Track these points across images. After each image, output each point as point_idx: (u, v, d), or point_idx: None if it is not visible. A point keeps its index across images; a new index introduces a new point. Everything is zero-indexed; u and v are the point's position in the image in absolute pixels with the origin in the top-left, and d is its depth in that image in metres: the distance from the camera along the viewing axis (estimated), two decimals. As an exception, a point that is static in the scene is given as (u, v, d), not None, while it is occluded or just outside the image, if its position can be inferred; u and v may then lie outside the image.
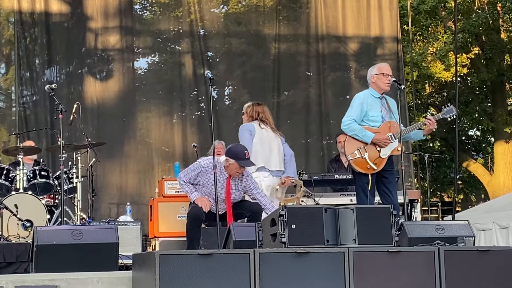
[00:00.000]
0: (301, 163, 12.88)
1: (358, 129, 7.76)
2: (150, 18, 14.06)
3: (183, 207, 10.12)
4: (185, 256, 5.34)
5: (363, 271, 5.51)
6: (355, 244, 5.68)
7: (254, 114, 8.57)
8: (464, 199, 26.95)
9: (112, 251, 6.40)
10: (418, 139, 8.59)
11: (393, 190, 7.72)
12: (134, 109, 13.07)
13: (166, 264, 5.21)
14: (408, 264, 5.62)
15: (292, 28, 13.98)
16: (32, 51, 12.61)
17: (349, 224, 5.76)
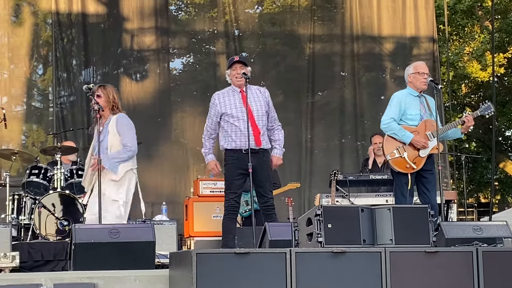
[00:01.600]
0: (336, 164, 12.90)
1: (397, 128, 7.72)
2: (185, 18, 14.14)
3: (218, 207, 10.15)
4: (222, 255, 5.34)
5: (400, 271, 5.47)
6: (392, 244, 5.65)
7: None
8: (500, 200, 26.66)
9: (149, 249, 6.44)
10: (456, 137, 8.51)
11: (432, 191, 7.67)
12: (169, 110, 13.15)
13: (202, 262, 5.21)
14: (446, 264, 5.57)
15: (326, 28, 13.96)
16: (69, 52, 12.73)
17: (385, 224, 5.72)
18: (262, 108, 7.64)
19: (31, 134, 13.08)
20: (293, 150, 13.32)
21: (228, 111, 7.56)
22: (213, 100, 7.72)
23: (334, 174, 9.89)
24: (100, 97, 7.36)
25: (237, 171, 7.49)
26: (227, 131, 7.59)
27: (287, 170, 12.62)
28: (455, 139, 13.25)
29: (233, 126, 7.56)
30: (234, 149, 7.56)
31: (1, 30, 12.66)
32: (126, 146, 7.36)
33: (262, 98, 7.69)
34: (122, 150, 7.37)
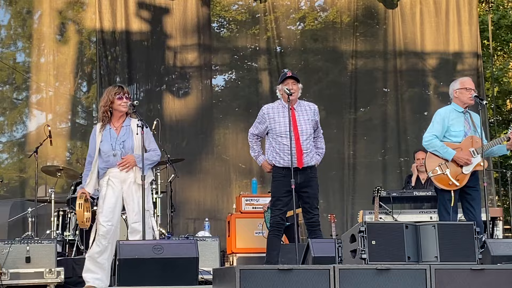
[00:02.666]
0: (378, 180, 12.83)
1: (439, 145, 7.68)
2: (227, 35, 14.21)
3: (260, 223, 10.17)
4: (265, 271, 5.34)
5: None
6: (437, 261, 5.60)
7: None
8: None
9: (192, 265, 6.46)
10: (501, 154, 8.43)
11: (477, 208, 7.59)
12: (211, 126, 13.20)
13: (246, 279, 5.22)
14: (492, 282, 5.50)
15: (369, 44, 13.92)
16: (113, 70, 12.86)
17: (430, 241, 5.68)
18: (310, 126, 7.66)
19: (76, 150, 13.23)
20: (336, 167, 13.28)
21: (276, 128, 7.61)
22: (262, 113, 7.75)
23: (377, 190, 9.85)
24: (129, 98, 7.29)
25: (284, 188, 7.50)
26: (275, 148, 7.63)
27: (330, 187, 12.60)
28: (500, 156, 13.10)
29: (280, 144, 7.59)
30: (282, 166, 7.59)
31: (47, 49, 12.85)
32: (155, 150, 7.30)
33: (311, 115, 7.72)
34: (153, 153, 7.27)
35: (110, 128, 7.14)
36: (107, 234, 6.96)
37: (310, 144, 7.66)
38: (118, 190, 7.06)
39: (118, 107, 7.14)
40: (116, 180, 7.07)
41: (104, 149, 7.09)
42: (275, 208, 7.58)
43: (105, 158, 7.10)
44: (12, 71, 12.90)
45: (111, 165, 7.08)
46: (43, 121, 12.53)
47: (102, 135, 7.11)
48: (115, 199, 7.03)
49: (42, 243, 8.36)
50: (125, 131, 7.15)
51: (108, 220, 6.98)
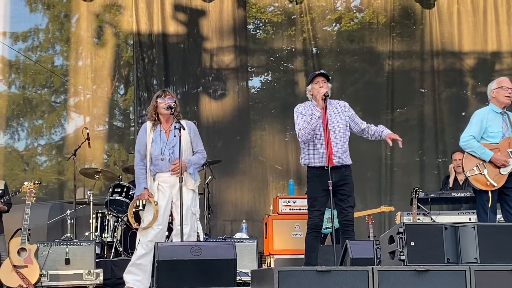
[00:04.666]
0: (416, 181, 12.76)
1: (476, 146, 7.62)
2: (263, 37, 14.23)
3: (298, 225, 10.15)
4: (303, 273, 5.36)
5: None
6: (477, 262, 5.56)
7: None
8: None
9: (231, 267, 6.49)
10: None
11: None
12: (248, 128, 13.23)
13: (284, 280, 5.24)
14: (533, 283, 5.46)
15: (406, 45, 13.85)
16: (150, 72, 12.95)
17: (470, 242, 5.65)
18: (343, 124, 7.63)
19: (113, 153, 13.34)
20: (373, 168, 13.23)
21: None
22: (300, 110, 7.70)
23: (415, 191, 9.80)
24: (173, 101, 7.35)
25: (320, 188, 7.49)
26: (307, 149, 7.62)
27: (367, 188, 12.57)
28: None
29: (311, 145, 7.58)
30: (316, 166, 7.58)
31: (84, 52, 12.98)
32: (202, 152, 7.38)
33: (343, 113, 7.70)
34: (200, 156, 7.36)
35: (161, 130, 7.23)
36: (155, 237, 7.06)
37: (344, 143, 7.63)
38: (168, 194, 7.17)
39: (160, 109, 7.25)
40: (166, 185, 7.21)
41: (154, 152, 7.19)
42: (313, 209, 7.56)
43: (154, 161, 7.19)
44: (50, 74, 13.05)
45: (160, 169, 7.18)
46: (81, 124, 12.66)
47: (153, 135, 7.19)
48: (165, 204, 7.16)
49: (81, 245, 8.46)
50: (174, 134, 7.22)
51: (159, 224, 7.10)
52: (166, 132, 7.25)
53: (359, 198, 11.13)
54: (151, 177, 7.24)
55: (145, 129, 7.32)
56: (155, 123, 7.26)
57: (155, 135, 7.21)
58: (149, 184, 7.21)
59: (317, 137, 7.52)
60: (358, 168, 12.46)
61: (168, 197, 7.17)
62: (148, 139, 7.22)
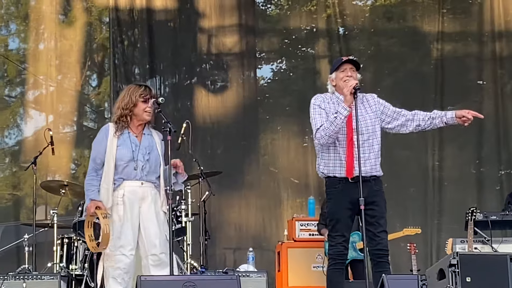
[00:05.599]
0: (472, 199, 12.75)
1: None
2: (275, 14, 14.27)
3: (320, 255, 10.18)
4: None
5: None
6: (551, 303, 5.58)
7: None
8: None
9: (235, 308, 6.48)
10: None
11: None
12: (256, 130, 13.26)
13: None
14: None
15: (459, 24, 13.86)
16: (130, 58, 12.99)
17: (542, 277, 5.66)
18: (372, 124, 7.60)
19: (83, 161, 13.37)
20: (416, 182, 13.23)
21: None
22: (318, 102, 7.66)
23: (472, 212, 9.78)
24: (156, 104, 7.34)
25: (344, 206, 7.47)
26: (327, 154, 7.59)
27: (409, 208, 12.58)
28: None
29: (331, 149, 7.56)
30: (337, 177, 7.55)
31: (47, 32, 13.02)
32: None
33: (372, 110, 7.66)
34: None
35: (129, 133, 7.20)
36: (130, 268, 7.03)
37: (372, 147, 7.60)
38: (137, 209, 7.13)
39: (141, 114, 7.19)
40: (134, 197, 7.14)
41: (122, 156, 7.13)
42: (335, 234, 7.54)
43: (120, 168, 7.15)
44: (3, 60, 13.11)
45: (128, 177, 7.15)
46: (43, 124, 12.71)
47: (119, 138, 7.17)
48: (134, 219, 7.10)
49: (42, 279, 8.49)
50: (148, 140, 7.21)
51: (132, 249, 7.04)
52: (137, 136, 7.23)
53: (398, 221, 11.15)
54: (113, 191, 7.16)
55: (106, 133, 7.25)
56: (121, 127, 7.20)
57: (123, 138, 7.17)
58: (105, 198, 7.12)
59: (339, 139, 7.50)
60: (397, 181, 12.57)
61: (137, 212, 7.13)
62: (110, 144, 7.17)
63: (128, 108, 7.20)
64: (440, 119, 7.66)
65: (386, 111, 7.71)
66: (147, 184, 7.15)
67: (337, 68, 7.67)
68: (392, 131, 7.75)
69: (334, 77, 7.68)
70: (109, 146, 7.16)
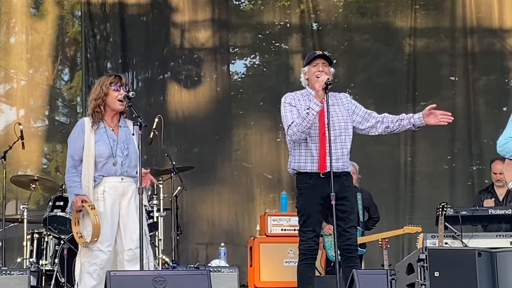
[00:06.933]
0: (445, 194, 12.79)
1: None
2: (249, 9, 14.25)
3: (292, 250, 10.18)
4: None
5: (531, 334, 5.42)
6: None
7: None
8: None
9: (204, 304, 6.48)
10: None
11: None
12: (229, 125, 13.25)
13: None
14: None
15: (431, 20, 13.90)
16: (102, 53, 12.96)
17: (511, 272, 5.67)
18: (344, 120, 7.62)
19: (55, 156, 13.33)
20: (389, 177, 13.28)
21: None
22: (288, 100, 7.68)
23: (442, 208, 9.82)
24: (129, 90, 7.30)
25: (315, 202, 7.48)
26: (298, 150, 7.60)
27: (381, 203, 12.58)
28: None
29: (302, 145, 7.58)
30: (308, 172, 7.56)
31: (18, 25, 12.95)
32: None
33: (344, 107, 7.68)
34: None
35: (105, 127, 7.16)
36: (107, 264, 7.01)
37: (344, 144, 7.62)
38: (117, 205, 7.12)
39: (113, 102, 7.14)
40: (114, 193, 7.12)
41: (101, 152, 7.10)
42: (305, 229, 7.56)
43: (100, 165, 7.13)
44: (-29, 54, 13.03)
45: (107, 173, 7.12)
46: (13, 119, 12.64)
47: (96, 134, 7.12)
48: (114, 216, 7.09)
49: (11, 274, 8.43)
50: (125, 133, 7.18)
51: (110, 245, 7.03)
52: (114, 130, 7.19)
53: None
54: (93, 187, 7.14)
55: (82, 128, 7.19)
56: (96, 120, 7.16)
57: (100, 133, 7.13)
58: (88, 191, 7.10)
59: (311, 135, 7.52)
60: (370, 178, 12.60)
61: (117, 208, 7.11)
62: (88, 139, 7.13)
63: (100, 97, 7.16)
64: (408, 120, 7.70)
65: (358, 111, 7.74)
66: (127, 179, 7.15)
67: (309, 62, 7.70)
68: (362, 132, 7.79)
69: (307, 70, 7.71)
70: (87, 142, 7.12)
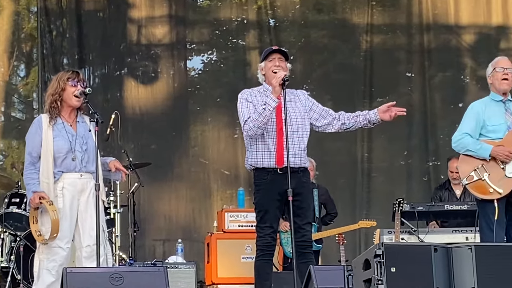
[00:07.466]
0: (401, 190, 12.86)
1: (471, 142, 7.66)
2: (206, 5, 14.21)
3: (249, 246, 10.19)
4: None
5: (486, 329, 5.45)
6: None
7: None
8: None
9: (161, 300, 6.46)
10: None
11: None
12: (186, 121, 13.22)
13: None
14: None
15: (388, 16, 13.96)
16: (59, 48, 12.87)
17: (466, 267, 5.70)
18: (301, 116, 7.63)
19: (10, 152, 13.24)
20: (345, 173, 13.32)
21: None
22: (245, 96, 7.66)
23: (399, 203, 9.87)
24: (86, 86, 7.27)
25: (273, 197, 7.49)
26: (255, 146, 7.60)
27: (338, 199, 12.62)
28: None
29: (259, 141, 7.57)
30: (266, 168, 7.56)
31: (-29, 21, 12.86)
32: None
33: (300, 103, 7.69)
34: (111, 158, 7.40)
35: (63, 122, 7.11)
36: (65, 260, 6.98)
37: (301, 139, 7.63)
38: (76, 202, 7.08)
39: (70, 98, 7.10)
40: (73, 189, 7.08)
41: (59, 148, 7.06)
42: (263, 225, 7.56)
43: (59, 161, 7.08)
44: None
45: (67, 169, 7.08)
46: (-32, 115, 12.54)
47: (54, 129, 7.08)
48: (72, 212, 7.05)
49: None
50: (83, 128, 7.14)
51: (68, 242, 7.00)
52: (72, 125, 7.15)
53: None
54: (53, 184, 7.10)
55: (39, 124, 7.14)
56: (54, 115, 7.12)
57: (57, 128, 7.08)
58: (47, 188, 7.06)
59: (268, 130, 7.52)
60: (327, 174, 12.63)
61: (76, 204, 7.07)
62: (46, 136, 7.08)
63: (57, 93, 7.12)
64: (364, 117, 7.70)
65: (315, 108, 7.75)
66: (86, 175, 7.10)
67: (266, 57, 7.70)
68: (319, 129, 7.78)
69: (264, 66, 7.71)
70: (45, 139, 7.06)
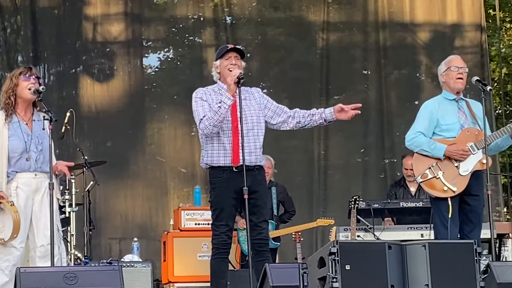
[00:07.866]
0: (358, 187, 12.90)
1: (425, 141, 7.73)
2: (162, 2, 14.17)
3: (206, 244, 10.17)
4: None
5: (439, 325, 5.48)
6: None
7: None
8: None
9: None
10: (506, 146, 8.38)
11: (477, 222, 7.67)
12: (142, 119, 13.17)
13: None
14: (498, 317, 5.57)
15: (344, 14, 14.00)
16: (13, 46, 12.77)
17: (420, 264, 5.73)
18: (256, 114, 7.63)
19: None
20: (302, 171, 13.33)
21: None
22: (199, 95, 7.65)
23: (355, 201, 9.91)
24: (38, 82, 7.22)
25: (229, 196, 7.48)
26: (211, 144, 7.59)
27: (295, 196, 12.64)
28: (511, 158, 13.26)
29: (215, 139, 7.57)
30: (221, 166, 7.56)
31: None
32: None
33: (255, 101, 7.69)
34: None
35: (19, 121, 7.08)
36: (19, 260, 6.94)
37: (258, 137, 7.63)
38: (31, 201, 7.04)
39: (24, 92, 7.07)
40: (27, 189, 7.04)
41: (14, 148, 7.02)
42: (218, 224, 7.56)
43: (13, 160, 7.04)
44: None
45: (21, 169, 7.04)
46: None
47: (9, 128, 7.03)
48: (26, 213, 7.01)
49: None
50: (39, 127, 7.09)
51: (22, 241, 6.98)
52: (28, 124, 7.12)
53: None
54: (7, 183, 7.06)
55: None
56: (9, 112, 7.09)
57: (13, 127, 7.05)
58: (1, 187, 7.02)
59: (224, 128, 7.51)
60: (284, 171, 12.63)
61: (31, 204, 7.04)
62: (1, 134, 7.04)
63: (10, 88, 7.10)
64: (319, 115, 7.72)
65: (270, 106, 7.75)
66: (40, 175, 7.08)
67: (222, 55, 7.68)
68: (274, 127, 7.78)
69: (219, 64, 7.70)
70: (0, 138, 7.03)
